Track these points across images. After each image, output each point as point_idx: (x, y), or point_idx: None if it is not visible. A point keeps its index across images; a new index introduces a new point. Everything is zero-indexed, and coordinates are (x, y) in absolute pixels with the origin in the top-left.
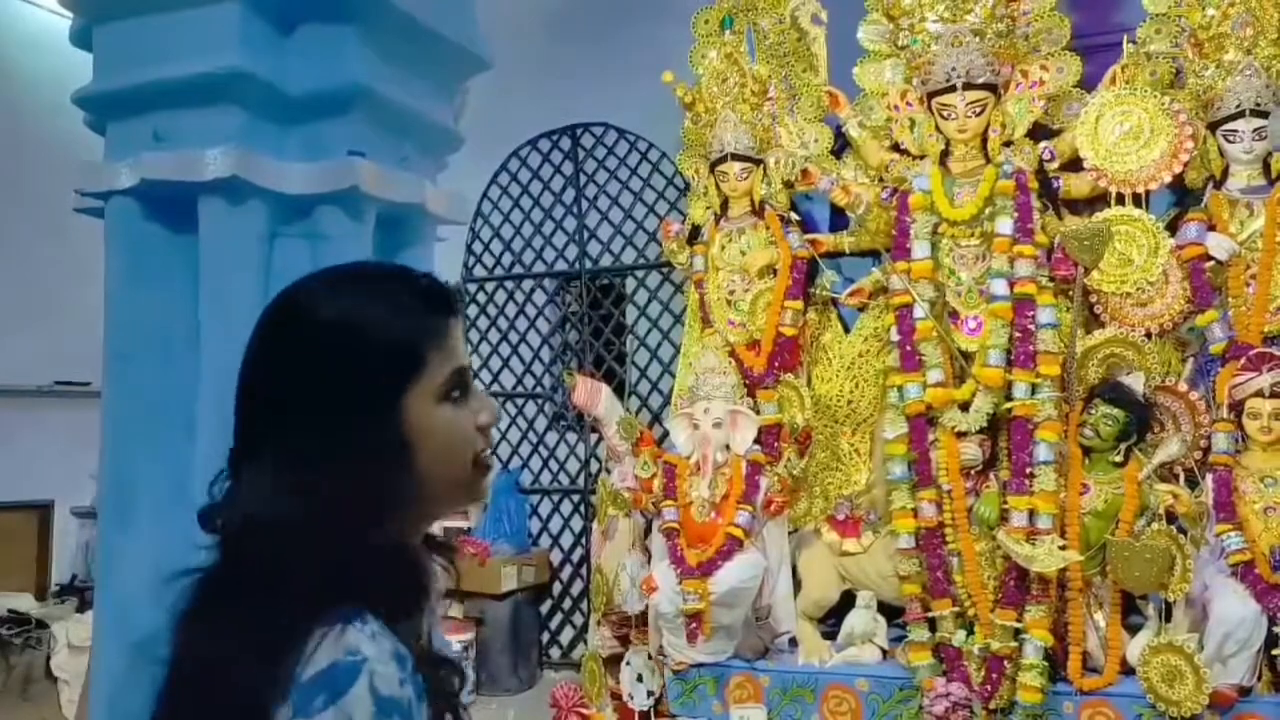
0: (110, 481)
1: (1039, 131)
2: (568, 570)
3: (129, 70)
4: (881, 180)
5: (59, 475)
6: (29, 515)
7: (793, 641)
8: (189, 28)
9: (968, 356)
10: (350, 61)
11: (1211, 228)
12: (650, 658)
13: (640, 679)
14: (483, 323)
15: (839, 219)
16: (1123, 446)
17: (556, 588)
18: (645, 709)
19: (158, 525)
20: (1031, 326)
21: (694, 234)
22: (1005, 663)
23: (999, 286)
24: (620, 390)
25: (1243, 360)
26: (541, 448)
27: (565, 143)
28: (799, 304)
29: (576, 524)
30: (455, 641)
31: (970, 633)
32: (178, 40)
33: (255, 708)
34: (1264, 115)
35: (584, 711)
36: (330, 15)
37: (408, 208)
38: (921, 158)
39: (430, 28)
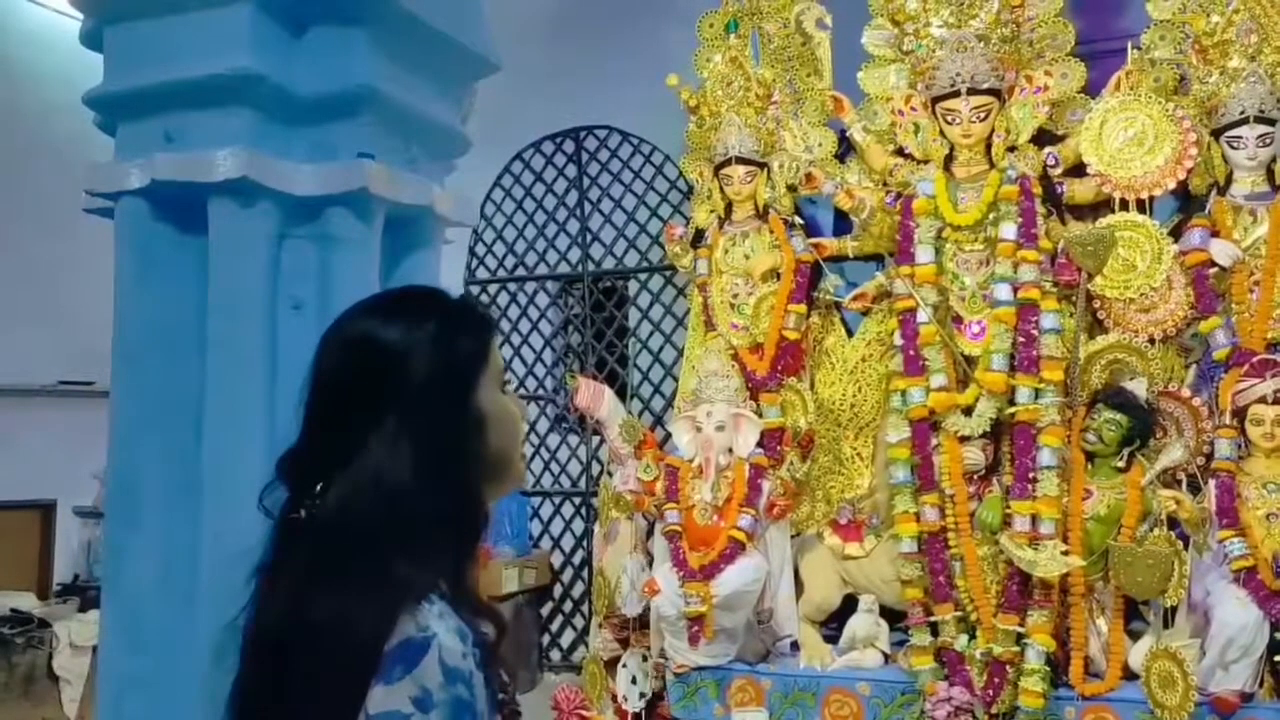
0: (117, 480)
1: (1043, 137)
2: (569, 573)
3: (140, 71)
4: (885, 185)
5: (61, 475)
6: (31, 515)
7: (794, 645)
8: (200, 29)
9: (971, 361)
10: (360, 64)
11: (1215, 234)
12: (644, 659)
13: (634, 681)
14: None
15: (842, 223)
16: (1125, 452)
17: (557, 590)
18: (637, 710)
19: (164, 524)
20: (1035, 331)
21: (697, 237)
22: (1007, 667)
23: (1003, 291)
24: (622, 393)
25: (1246, 367)
26: (543, 450)
27: (569, 145)
28: (802, 308)
29: (578, 526)
30: None
31: (972, 637)
32: (189, 42)
33: (362, 671)
34: (1268, 122)
35: (585, 714)
36: (340, 18)
37: (416, 210)
38: (925, 162)
39: (439, 30)
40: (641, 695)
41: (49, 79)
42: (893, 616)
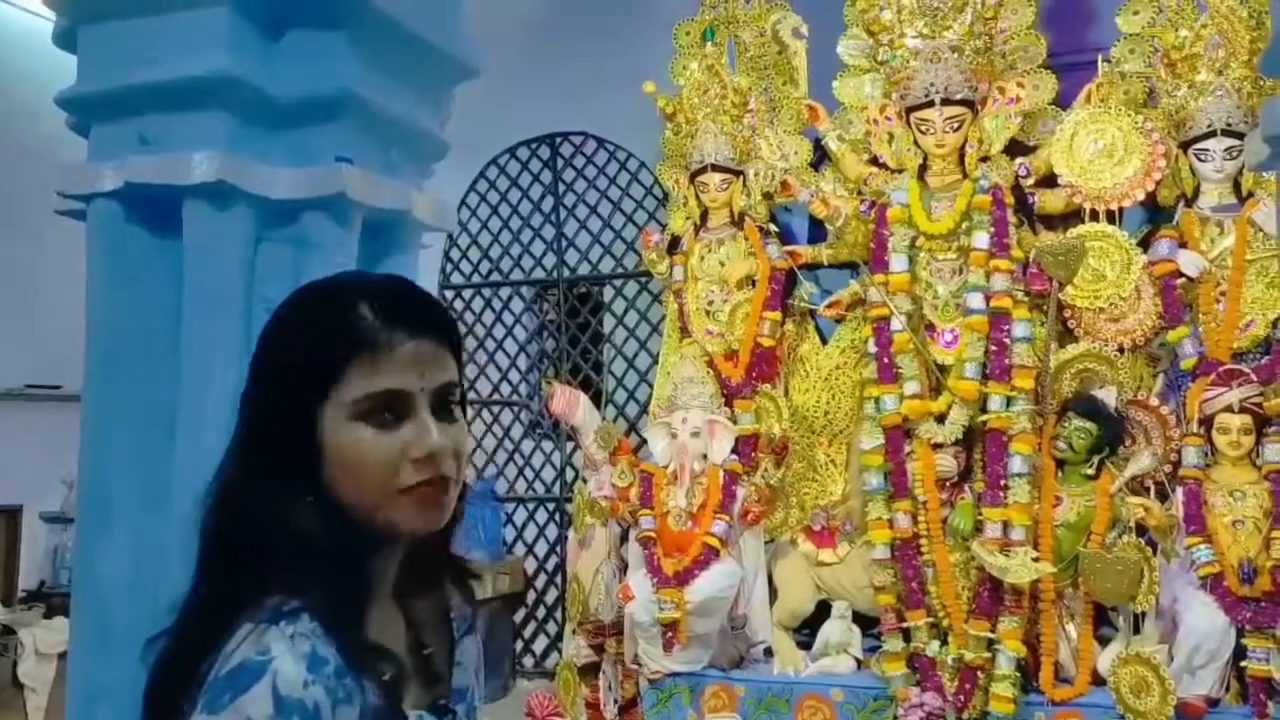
0: (89, 485)
1: (1015, 148)
2: (542, 579)
3: (115, 72)
4: (860, 193)
5: (28, 480)
6: None
7: (768, 651)
8: (176, 31)
9: (944, 369)
10: (338, 67)
11: (1183, 245)
12: (614, 664)
13: (610, 688)
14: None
15: (817, 231)
16: (1095, 459)
17: (531, 596)
18: (610, 716)
19: (136, 529)
20: (1007, 340)
21: (673, 244)
22: (978, 673)
23: (975, 300)
24: (597, 399)
25: (1212, 376)
26: (517, 456)
27: (544, 151)
28: (777, 315)
29: (551, 532)
30: None
31: (944, 643)
32: (165, 43)
33: (172, 695)
34: (1235, 135)
35: None
36: (319, 21)
37: (394, 214)
38: (900, 172)
39: (418, 34)
40: (615, 701)
41: (19, 79)
42: (866, 622)
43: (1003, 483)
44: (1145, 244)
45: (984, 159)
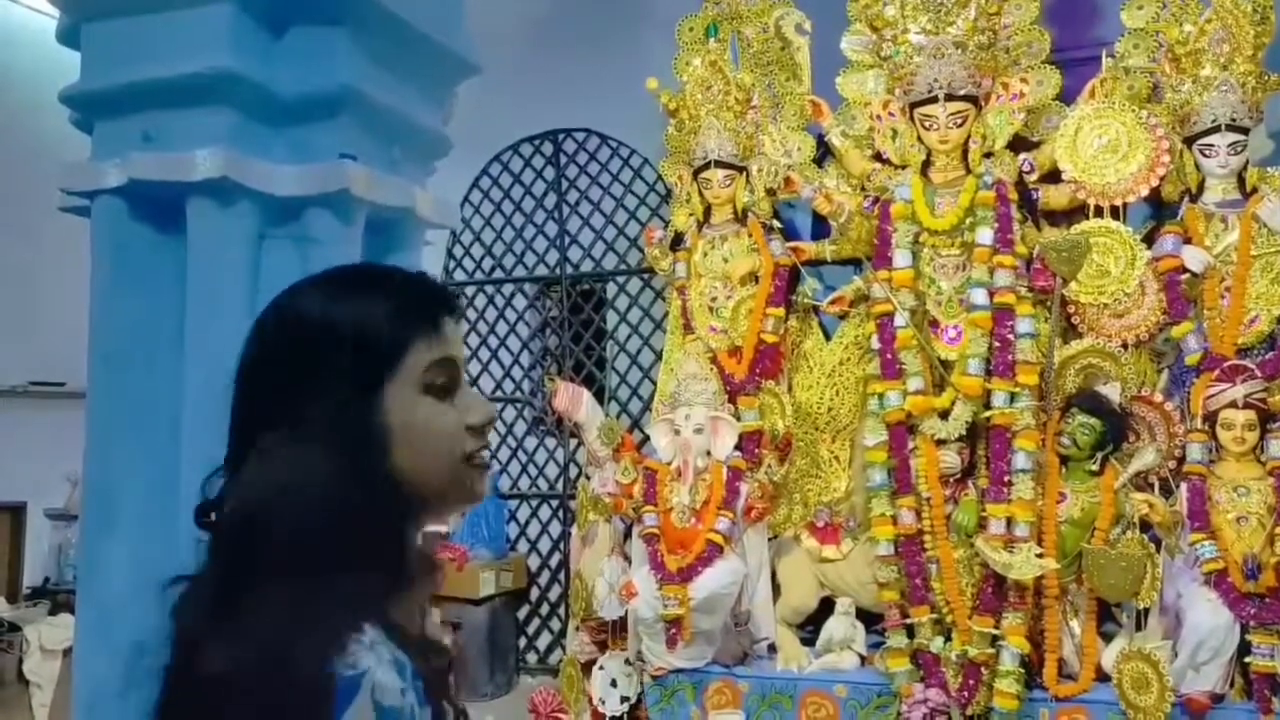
0: (94, 485)
1: (1019, 143)
2: (545, 575)
3: (118, 69)
4: (863, 189)
5: (32, 477)
6: (1, 517)
7: (772, 647)
8: (180, 28)
9: (947, 365)
10: (341, 64)
11: (1187, 241)
12: (628, 663)
13: (614, 684)
14: (462, 326)
15: (821, 227)
16: (1099, 455)
17: (534, 593)
18: (618, 714)
19: (141, 529)
20: (1010, 336)
21: (676, 240)
22: (982, 669)
23: (979, 296)
24: (600, 395)
25: (1217, 372)
26: (521, 452)
27: (547, 148)
28: (780, 311)
29: (555, 529)
30: None
31: (948, 639)
32: (168, 40)
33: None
34: (1239, 130)
35: (561, 717)
36: (321, 18)
37: (397, 211)
38: (903, 167)
39: (421, 31)
40: (624, 699)
41: (22, 76)
42: (869, 619)
43: (1006, 479)
44: (1149, 240)
45: (987, 155)
